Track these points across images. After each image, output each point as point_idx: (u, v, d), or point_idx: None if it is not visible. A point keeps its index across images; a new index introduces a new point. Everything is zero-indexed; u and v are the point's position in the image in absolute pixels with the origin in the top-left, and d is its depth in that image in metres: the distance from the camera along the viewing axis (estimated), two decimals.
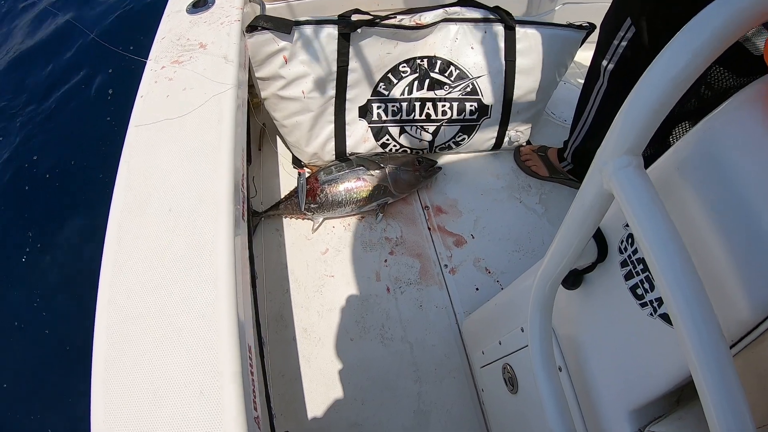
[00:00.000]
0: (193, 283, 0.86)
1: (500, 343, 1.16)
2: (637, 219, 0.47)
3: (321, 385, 1.42)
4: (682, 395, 0.70)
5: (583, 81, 1.50)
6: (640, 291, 0.63)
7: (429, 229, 1.75)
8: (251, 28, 1.47)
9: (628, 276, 0.65)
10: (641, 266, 0.63)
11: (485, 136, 1.85)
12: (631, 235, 0.65)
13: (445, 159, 1.94)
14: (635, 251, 0.64)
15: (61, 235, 2.43)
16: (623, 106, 0.48)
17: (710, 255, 0.53)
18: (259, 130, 2.00)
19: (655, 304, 0.61)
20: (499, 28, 1.68)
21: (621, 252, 0.67)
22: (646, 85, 0.46)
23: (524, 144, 1.94)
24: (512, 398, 1.14)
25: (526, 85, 1.75)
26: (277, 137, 1.92)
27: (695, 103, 1.03)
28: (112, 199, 0.99)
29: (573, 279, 0.75)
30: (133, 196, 0.99)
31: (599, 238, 0.69)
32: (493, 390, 1.28)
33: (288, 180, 1.90)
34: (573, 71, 2.38)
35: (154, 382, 0.76)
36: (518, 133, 1.89)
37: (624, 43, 1.26)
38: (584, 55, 2.26)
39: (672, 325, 0.49)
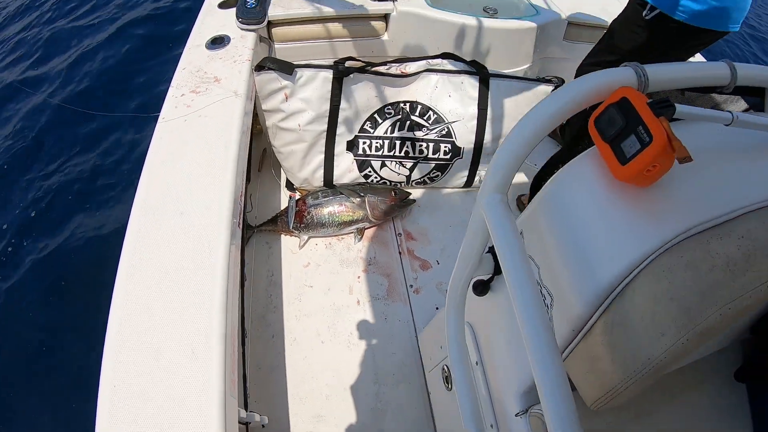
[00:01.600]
0: (195, 269, 1.08)
1: (441, 348, 1.36)
2: (496, 238, 0.67)
3: (292, 379, 1.58)
4: None
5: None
6: None
7: (400, 253, 1.95)
8: (259, 67, 1.70)
9: None
10: None
11: (458, 174, 2.06)
12: None
13: (420, 192, 2.14)
14: None
15: (92, 225, 2.69)
16: (492, 160, 0.70)
17: (554, 265, 0.72)
18: (259, 153, 2.22)
19: None
20: (475, 80, 1.91)
21: None
22: (505, 147, 0.68)
23: None
24: (449, 395, 1.34)
25: (496, 130, 1.96)
26: (276, 163, 2.13)
27: None
28: (134, 201, 1.20)
29: (481, 288, 0.96)
30: (152, 200, 1.21)
31: (496, 256, 0.90)
32: (437, 390, 1.47)
33: (282, 200, 2.10)
34: None
35: (156, 340, 0.98)
36: None
37: None
38: None
39: None
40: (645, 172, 0.60)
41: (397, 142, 1.94)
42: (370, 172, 2.00)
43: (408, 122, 1.92)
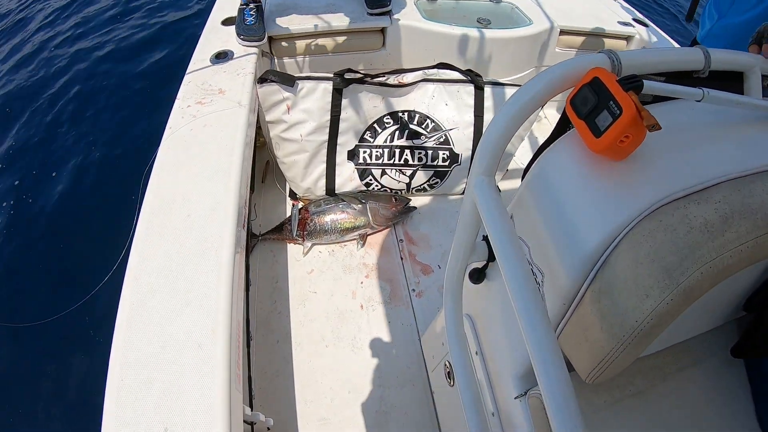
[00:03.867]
0: (201, 271, 1.12)
1: (443, 344, 1.39)
2: (486, 219, 0.70)
3: (297, 382, 1.60)
4: None
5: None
6: None
7: (401, 258, 1.98)
8: (262, 79, 1.76)
9: None
10: None
11: (456, 181, 2.10)
12: None
13: (421, 199, 2.18)
14: None
15: (101, 228, 2.74)
16: (479, 144, 0.74)
17: (543, 242, 0.75)
18: (263, 165, 2.27)
19: None
20: (470, 88, 1.96)
21: None
22: (489, 131, 0.72)
23: None
24: (452, 391, 1.36)
25: None
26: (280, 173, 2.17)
27: None
28: (142, 204, 1.25)
29: (477, 275, 0.99)
30: (159, 203, 1.25)
31: (490, 242, 0.93)
32: (440, 389, 1.49)
33: (286, 210, 2.15)
34: (545, 126, 2.68)
35: (163, 337, 1.01)
36: None
37: None
38: (549, 112, 2.56)
39: None
40: (618, 143, 0.63)
41: (397, 151, 1.98)
42: (371, 180, 2.04)
43: (407, 131, 1.96)
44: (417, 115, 1.96)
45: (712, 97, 0.70)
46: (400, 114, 1.95)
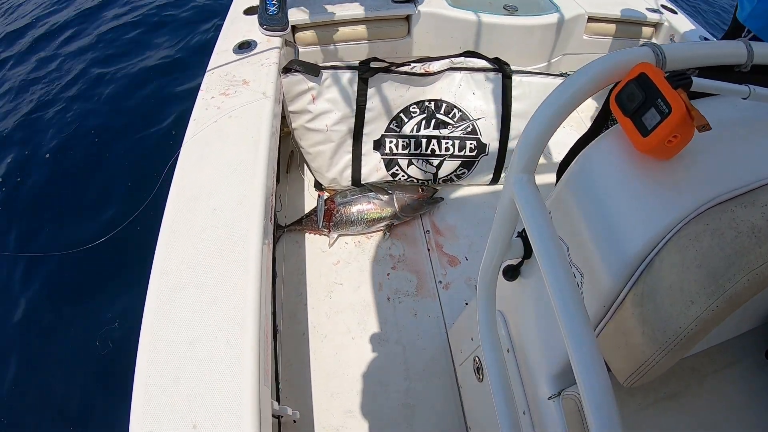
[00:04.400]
0: (229, 264, 1.11)
1: (472, 339, 1.37)
2: (525, 217, 0.68)
3: (323, 374, 1.61)
4: None
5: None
6: None
7: (428, 249, 1.96)
8: (286, 69, 1.74)
9: None
10: None
11: (484, 171, 2.07)
12: None
13: (447, 190, 2.16)
14: None
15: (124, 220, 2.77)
16: (518, 141, 0.72)
17: (583, 242, 0.73)
18: (287, 155, 2.26)
19: None
20: (498, 77, 1.92)
21: None
22: (530, 127, 0.69)
23: None
24: (480, 386, 1.34)
25: (521, 127, 1.96)
26: (304, 164, 2.17)
27: None
28: (168, 197, 1.24)
29: (511, 272, 0.97)
30: (185, 196, 1.25)
31: (527, 239, 0.91)
32: (467, 384, 1.48)
33: (310, 201, 2.14)
34: (576, 119, 2.62)
35: (191, 332, 1.01)
36: None
37: None
38: (586, 102, 2.50)
39: None
40: (666, 143, 0.61)
41: (423, 141, 1.96)
42: (397, 170, 2.02)
43: (433, 120, 1.94)
44: (444, 105, 1.93)
45: (758, 95, 0.68)
46: (427, 103, 1.92)
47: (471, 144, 1.98)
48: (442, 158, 2.00)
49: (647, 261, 0.64)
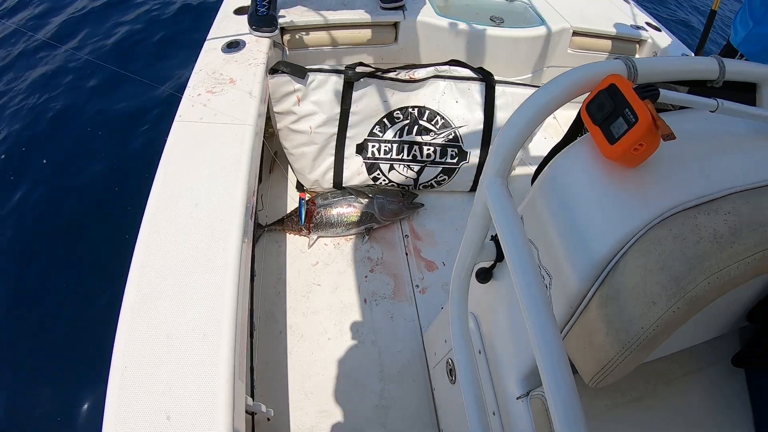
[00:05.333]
0: (208, 261, 1.12)
1: (446, 342, 1.39)
2: (497, 220, 0.70)
3: (299, 374, 1.61)
4: None
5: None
6: None
7: (406, 254, 1.98)
8: (273, 70, 1.76)
9: None
10: None
11: (464, 178, 2.09)
12: None
13: (428, 196, 2.18)
14: None
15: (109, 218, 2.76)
16: (492, 145, 0.74)
17: (552, 245, 0.76)
18: (270, 156, 2.27)
19: None
20: (481, 86, 1.95)
21: None
22: (504, 133, 0.72)
23: None
24: (452, 389, 1.36)
25: None
26: (287, 164, 2.17)
27: None
28: (150, 192, 1.25)
29: (484, 275, 0.99)
30: (168, 192, 1.25)
31: (499, 242, 0.93)
32: (441, 386, 1.50)
33: (292, 201, 2.15)
34: (557, 129, 2.67)
35: (168, 325, 1.01)
36: None
37: None
38: (559, 113, 2.55)
39: None
40: (633, 150, 0.64)
41: (405, 146, 1.98)
42: (378, 174, 2.04)
43: (416, 127, 1.96)
44: (427, 112, 1.95)
45: (726, 108, 0.70)
46: (410, 109, 1.94)
47: (452, 151, 2.00)
48: (423, 164, 2.02)
49: (612, 263, 0.67)
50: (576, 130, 0.83)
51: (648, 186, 0.70)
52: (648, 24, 2.51)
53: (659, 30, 2.49)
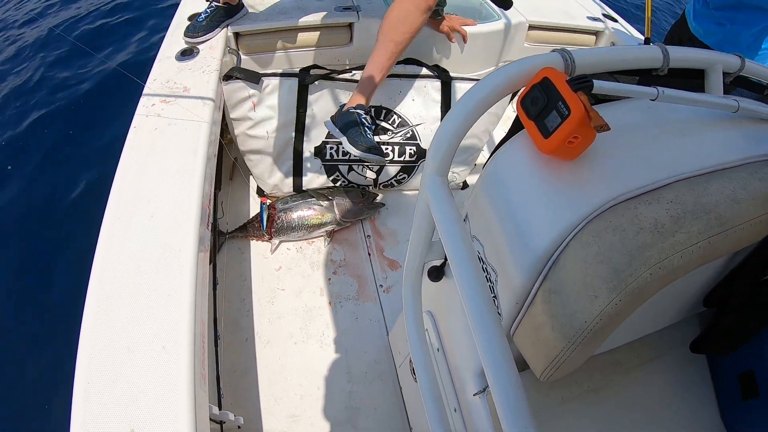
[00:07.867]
0: (164, 271, 1.10)
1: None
2: (437, 220, 0.71)
3: (266, 380, 1.61)
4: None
5: None
6: None
7: (369, 254, 1.99)
8: (227, 77, 1.74)
9: None
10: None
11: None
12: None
13: (388, 195, 2.19)
14: None
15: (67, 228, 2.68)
16: (431, 143, 0.75)
17: (496, 241, 0.76)
18: (230, 163, 2.25)
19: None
20: (437, 84, 1.98)
21: None
22: (441, 131, 0.72)
23: (461, 184, 2.24)
24: (417, 386, 1.37)
25: None
26: (247, 171, 2.16)
27: None
28: (107, 204, 1.22)
29: (435, 273, 1.00)
30: (124, 203, 1.23)
31: None
32: (407, 384, 1.51)
33: (254, 207, 2.13)
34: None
35: (128, 339, 1.00)
36: (455, 174, 2.18)
37: None
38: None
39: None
40: (567, 143, 0.64)
41: None
42: (338, 176, 2.04)
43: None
44: (384, 111, 1.96)
45: (668, 96, 0.70)
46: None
47: (411, 149, 2.02)
48: (382, 164, 2.03)
49: (554, 258, 0.67)
50: (519, 125, 0.84)
51: (587, 178, 0.70)
52: (605, 15, 2.54)
53: (616, 21, 2.53)
